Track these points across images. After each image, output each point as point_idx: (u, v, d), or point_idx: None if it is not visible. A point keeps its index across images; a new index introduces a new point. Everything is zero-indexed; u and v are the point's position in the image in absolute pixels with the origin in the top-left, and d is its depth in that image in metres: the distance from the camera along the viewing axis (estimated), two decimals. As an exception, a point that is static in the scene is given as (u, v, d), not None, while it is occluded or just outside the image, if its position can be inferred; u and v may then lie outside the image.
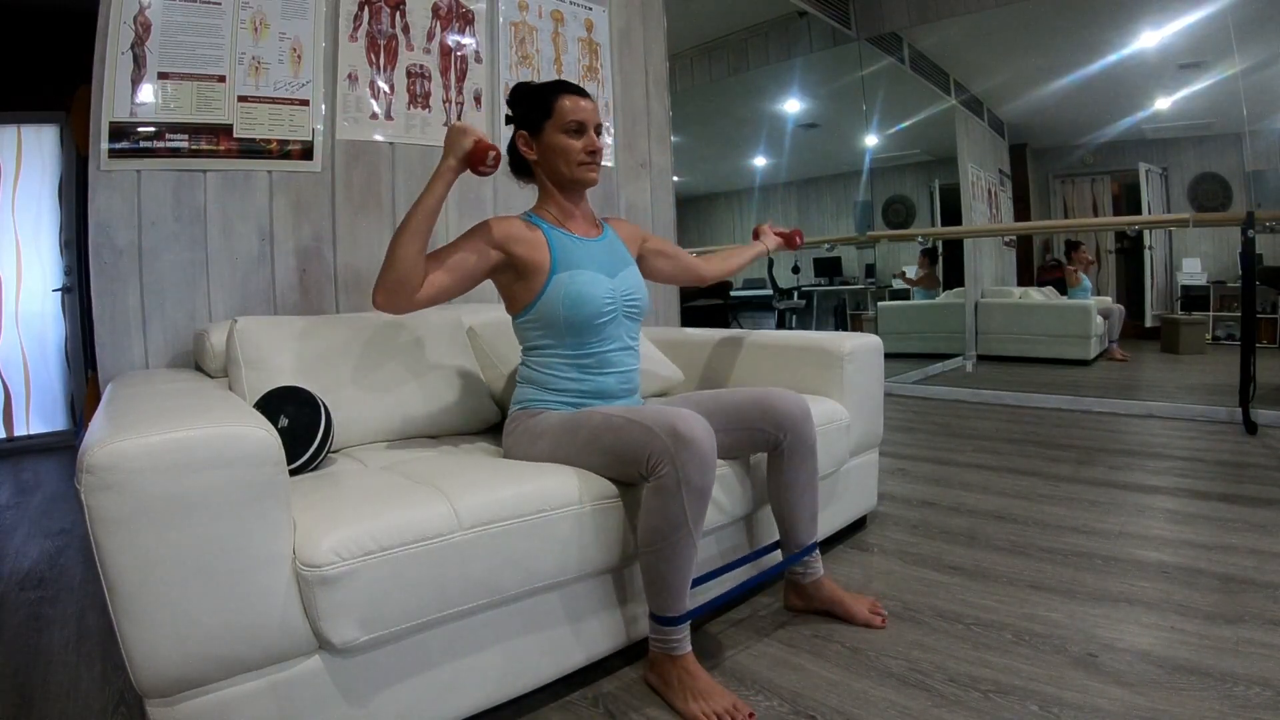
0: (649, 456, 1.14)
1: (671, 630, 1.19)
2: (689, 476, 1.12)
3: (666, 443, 1.12)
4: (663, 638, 1.20)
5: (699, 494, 1.14)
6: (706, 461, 1.13)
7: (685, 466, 1.11)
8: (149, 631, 0.82)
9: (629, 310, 1.42)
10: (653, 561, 1.17)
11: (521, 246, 1.35)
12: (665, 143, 2.83)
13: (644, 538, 1.17)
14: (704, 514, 1.17)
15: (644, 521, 1.17)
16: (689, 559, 1.17)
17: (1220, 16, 3.90)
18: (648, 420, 1.16)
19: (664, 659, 1.20)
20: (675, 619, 1.19)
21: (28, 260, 3.75)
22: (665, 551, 1.15)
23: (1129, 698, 1.14)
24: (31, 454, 3.58)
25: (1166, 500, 2.12)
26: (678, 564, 1.16)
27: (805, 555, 1.45)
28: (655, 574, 1.18)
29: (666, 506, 1.13)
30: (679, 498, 1.12)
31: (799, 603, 1.49)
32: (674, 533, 1.14)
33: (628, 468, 1.19)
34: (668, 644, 1.19)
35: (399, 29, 2.04)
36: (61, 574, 1.87)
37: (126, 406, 1.02)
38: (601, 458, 1.23)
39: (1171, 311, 5.60)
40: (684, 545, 1.15)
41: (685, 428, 1.12)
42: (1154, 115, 5.22)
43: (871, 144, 5.35)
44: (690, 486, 1.12)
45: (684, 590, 1.18)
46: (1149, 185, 5.41)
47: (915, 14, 4.52)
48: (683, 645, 1.20)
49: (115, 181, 1.61)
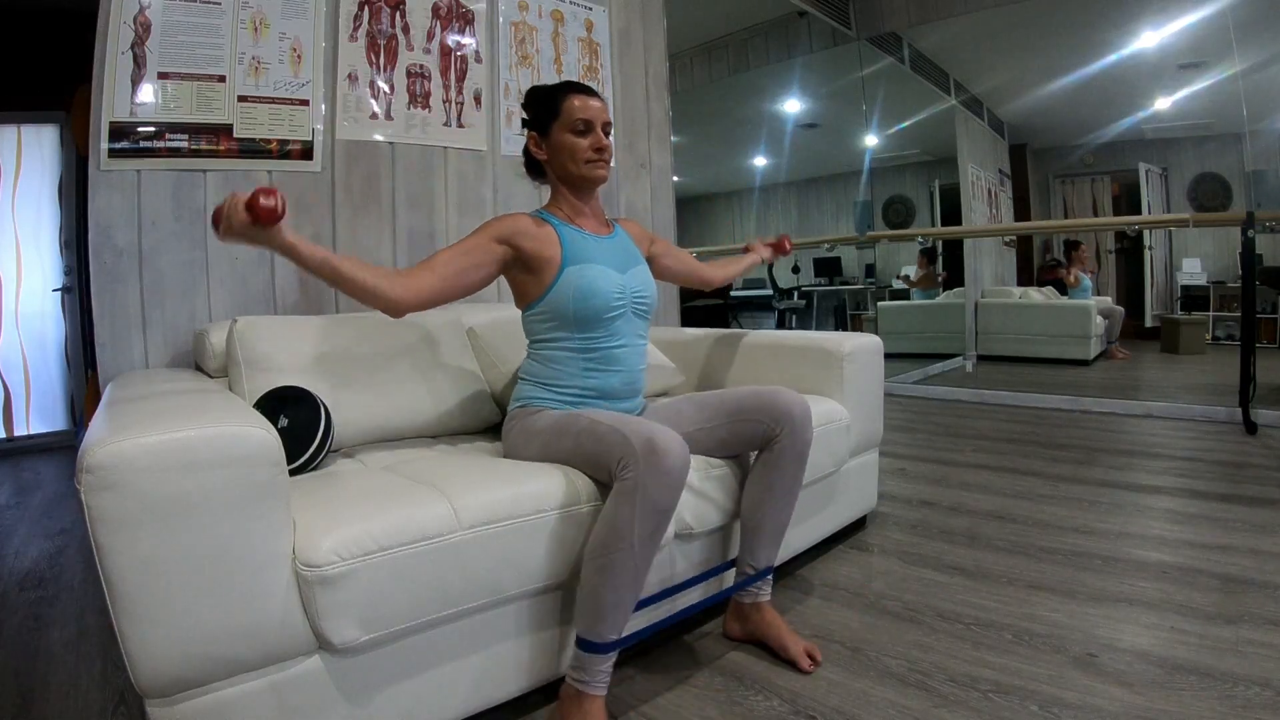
0: (619, 459, 1.10)
1: (591, 659, 1.10)
2: (647, 484, 1.06)
3: (637, 449, 1.08)
4: (580, 666, 1.10)
5: (654, 509, 1.07)
6: (672, 477, 1.07)
7: (647, 474, 1.06)
8: (149, 631, 0.82)
9: (638, 307, 1.42)
10: (591, 572, 1.10)
11: (530, 241, 1.35)
12: (665, 143, 2.83)
13: (590, 545, 1.11)
14: (656, 538, 1.09)
15: (596, 528, 1.12)
16: (628, 582, 1.08)
17: (1220, 16, 3.90)
18: (628, 429, 1.14)
19: (573, 697, 1.10)
20: (599, 646, 1.09)
21: (28, 260, 3.75)
22: (604, 565, 1.08)
23: (1129, 698, 1.14)
24: (31, 454, 3.58)
25: (1166, 500, 2.12)
26: (615, 583, 1.08)
27: (757, 580, 1.38)
28: (590, 587, 1.10)
29: (618, 513, 1.08)
30: (632, 505, 1.06)
31: (736, 629, 1.40)
32: (618, 544, 1.07)
33: (600, 471, 1.17)
34: (582, 676, 1.10)
35: (399, 29, 2.04)
36: (61, 574, 1.87)
37: (126, 406, 1.02)
38: (582, 459, 1.21)
39: (1171, 311, 5.60)
40: (625, 564, 1.07)
41: (662, 441, 1.08)
42: (1154, 115, 5.23)
43: (871, 144, 5.34)
44: (647, 495, 1.06)
45: (615, 616, 1.09)
46: (1149, 185, 5.41)
47: (915, 14, 4.52)
48: (596, 684, 1.10)
49: (115, 181, 1.61)
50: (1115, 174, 5.66)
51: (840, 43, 4.74)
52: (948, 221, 5.98)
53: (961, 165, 5.38)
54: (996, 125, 5.84)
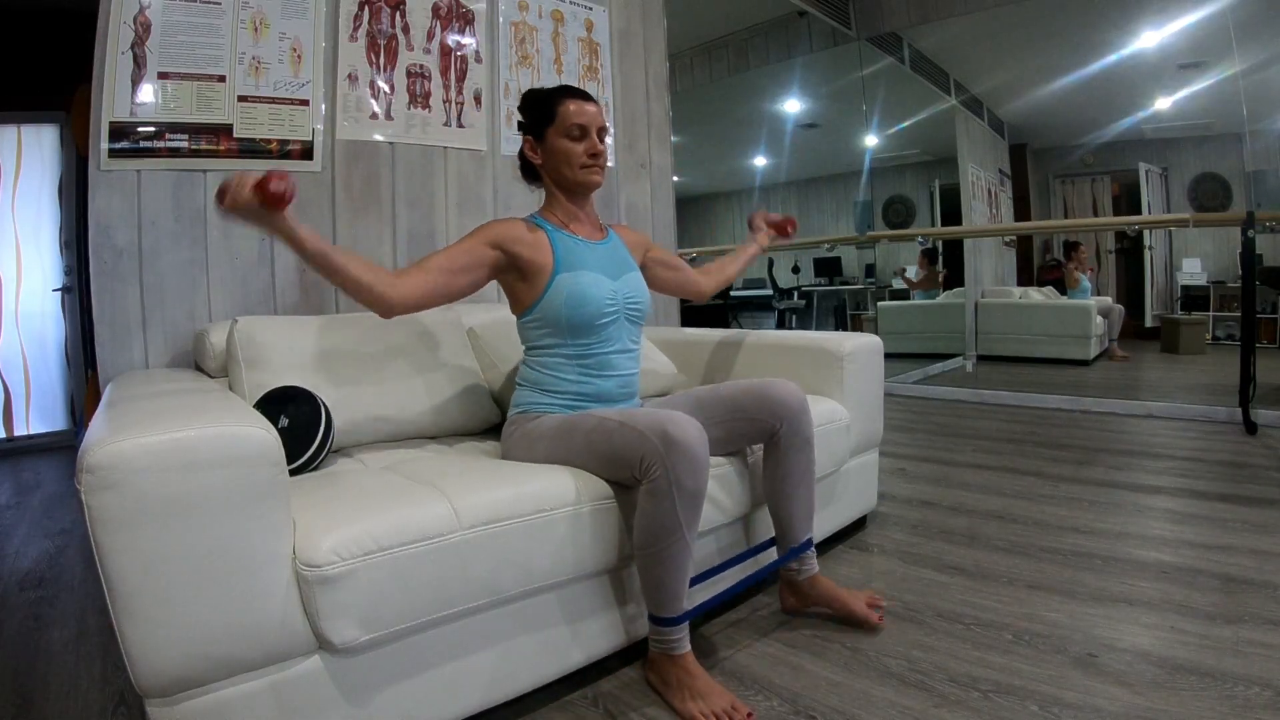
0: (641, 459, 1.14)
1: (669, 630, 1.19)
2: (680, 479, 1.12)
3: (658, 446, 1.12)
4: (661, 638, 1.20)
5: (691, 496, 1.14)
6: (698, 463, 1.13)
7: (676, 469, 1.11)
8: (149, 631, 0.82)
9: (630, 313, 1.43)
10: (649, 564, 1.17)
11: (522, 247, 1.36)
12: (665, 143, 2.83)
13: (639, 540, 1.18)
14: (698, 516, 1.17)
15: (639, 524, 1.17)
16: (685, 560, 1.17)
17: (1220, 16, 3.90)
18: (640, 424, 1.17)
19: (663, 659, 1.20)
20: (673, 619, 1.19)
21: (28, 260, 3.75)
22: (660, 554, 1.15)
23: (1129, 698, 1.14)
24: (31, 454, 3.58)
25: (1166, 500, 2.12)
26: (673, 566, 1.16)
27: (801, 553, 1.45)
28: (652, 576, 1.18)
29: (659, 509, 1.13)
30: (671, 500, 1.12)
31: (795, 602, 1.48)
32: (668, 535, 1.14)
33: (621, 471, 1.20)
34: (666, 644, 1.20)
35: (399, 29, 2.04)
36: (61, 574, 1.87)
37: (126, 406, 1.02)
38: (596, 461, 1.23)
39: (1171, 311, 5.60)
40: (678, 547, 1.15)
41: (676, 430, 1.12)
42: (1154, 115, 5.22)
43: (871, 144, 5.34)
44: (682, 489, 1.12)
45: (681, 591, 1.19)
46: (1149, 185, 5.41)
47: (915, 14, 4.52)
48: (681, 645, 1.20)
49: (115, 181, 1.61)
50: (1115, 174, 5.66)
51: (840, 43, 4.74)
52: (948, 221, 5.98)
53: (961, 165, 5.37)
54: (996, 125, 5.84)
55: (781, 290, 6.82)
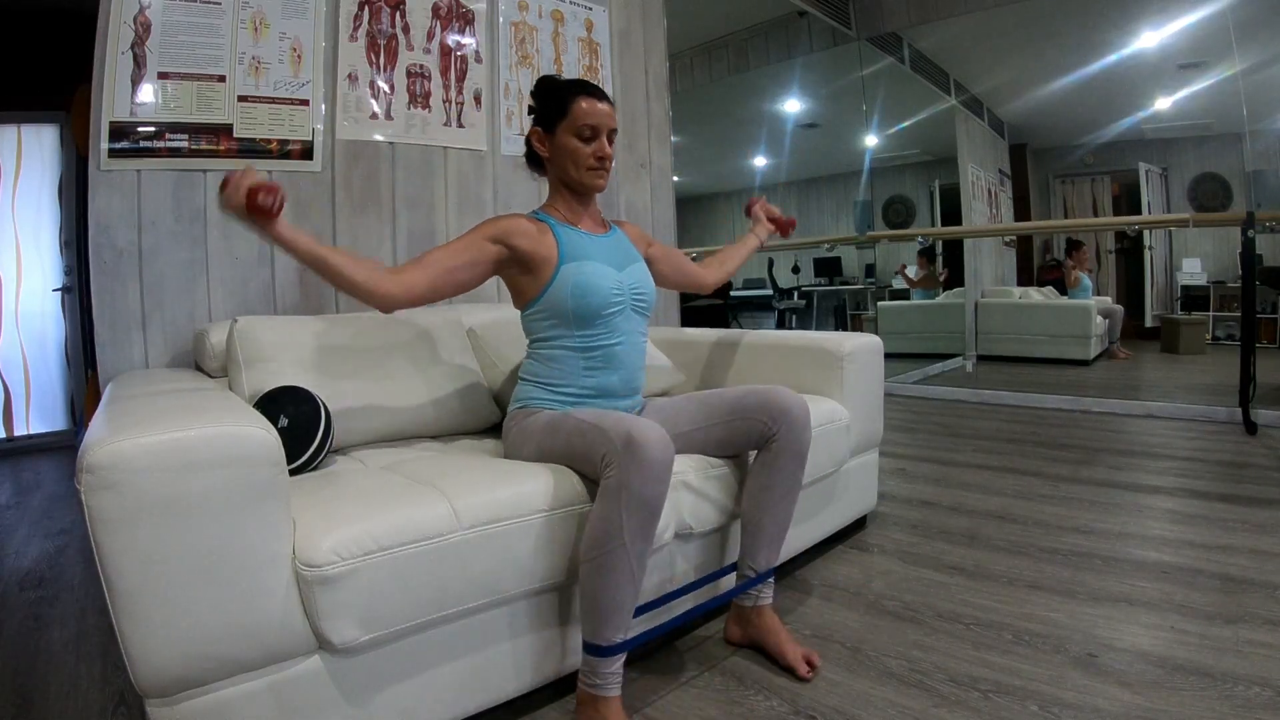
0: (602, 457, 1.11)
1: (600, 663, 1.09)
2: (631, 480, 1.05)
3: (617, 445, 1.08)
4: (591, 670, 1.11)
5: (640, 503, 1.06)
6: (654, 469, 1.06)
7: (629, 470, 1.05)
8: (149, 631, 0.82)
9: (637, 304, 1.42)
10: (587, 574, 1.09)
11: (525, 240, 1.35)
12: (665, 143, 2.83)
13: (584, 546, 1.10)
14: (647, 531, 1.08)
15: (588, 528, 1.11)
16: (625, 581, 1.07)
17: (1220, 16, 3.90)
18: (608, 424, 1.14)
19: (588, 700, 1.11)
20: (604, 649, 1.09)
21: (28, 260, 3.75)
22: (599, 565, 1.07)
23: (1129, 698, 1.14)
24: (31, 454, 3.58)
25: (1166, 500, 2.12)
26: (611, 583, 1.07)
27: (757, 584, 1.36)
28: (588, 590, 1.09)
29: (607, 512, 1.07)
30: (619, 501, 1.06)
31: (737, 633, 1.38)
32: (609, 543, 1.06)
33: (589, 469, 1.18)
34: (593, 680, 1.10)
35: (399, 29, 2.04)
36: (61, 574, 1.87)
37: (126, 406, 1.02)
38: (573, 460, 1.22)
39: (1171, 311, 5.60)
40: (619, 562, 1.06)
41: (639, 433, 1.07)
42: (1154, 115, 5.23)
43: (871, 144, 5.34)
44: (631, 491, 1.05)
45: (617, 617, 1.09)
46: (1149, 185, 5.41)
47: (915, 14, 4.52)
48: (609, 685, 1.10)
49: (115, 181, 1.61)
50: (1115, 174, 5.66)
51: (840, 43, 4.74)
52: (948, 221, 5.98)
53: (961, 165, 5.38)
54: (996, 125, 5.84)
55: (781, 290, 6.83)
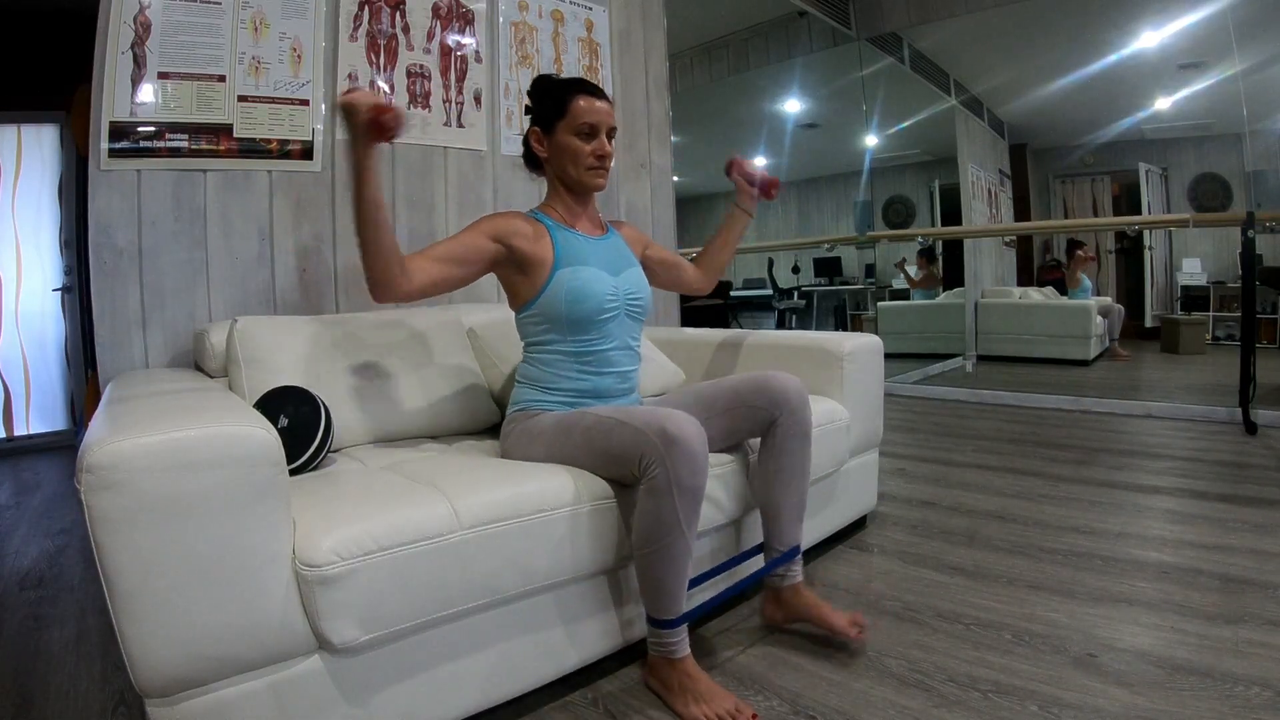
0: (640, 458, 1.13)
1: (669, 633, 1.18)
2: (680, 477, 1.11)
3: (656, 444, 1.11)
4: (660, 640, 1.19)
5: (691, 494, 1.13)
6: (697, 461, 1.12)
7: (676, 467, 1.10)
8: (149, 631, 0.82)
9: (631, 309, 1.42)
10: (647, 564, 1.16)
11: (522, 240, 1.35)
12: (665, 143, 2.83)
13: (638, 540, 1.17)
14: (697, 515, 1.16)
15: (638, 523, 1.16)
16: (684, 561, 1.16)
17: (1220, 16, 3.90)
18: (638, 421, 1.16)
19: (662, 662, 1.19)
20: (672, 621, 1.18)
21: (28, 260, 3.75)
22: (659, 553, 1.14)
23: (1129, 698, 1.14)
24: (31, 454, 3.58)
25: (1166, 500, 2.12)
26: (672, 566, 1.15)
27: (786, 561, 1.39)
28: (650, 576, 1.17)
29: (659, 508, 1.12)
30: (670, 499, 1.11)
31: (777, 614, 1.42)
32: (667, 534, 1.13)
33: (620, 469, 1.19)
34: (665, 647, 1.18)
35: (399, 29, 2.04)
36: (61, 574, 1.87)
37: (126, 406, 1.02)
38: (594, 460, 1.22)
39: (1171, 311, 5.59)
40: (678, 547, 1.14)
41: (675, 428, 1.11)
42: (1154, 115, 5.22)
43: (871, 144, 5.34)
44: (681, 487, 1.11)
45: (680, 592, 1.17)
46: (1149, 185, 5.41)
47: (915, 14, 4.51)
48: (681, 648, 1.19)
49: (115, 181, 1.61)
50: (1115, 174, 5.65)
51: (840, 43, 4.74)
52: (948, 221, 5.97)
53: (961, 165, 5.37)
54: (996, 125, 5.84)
55: (781, 290, 6.82)
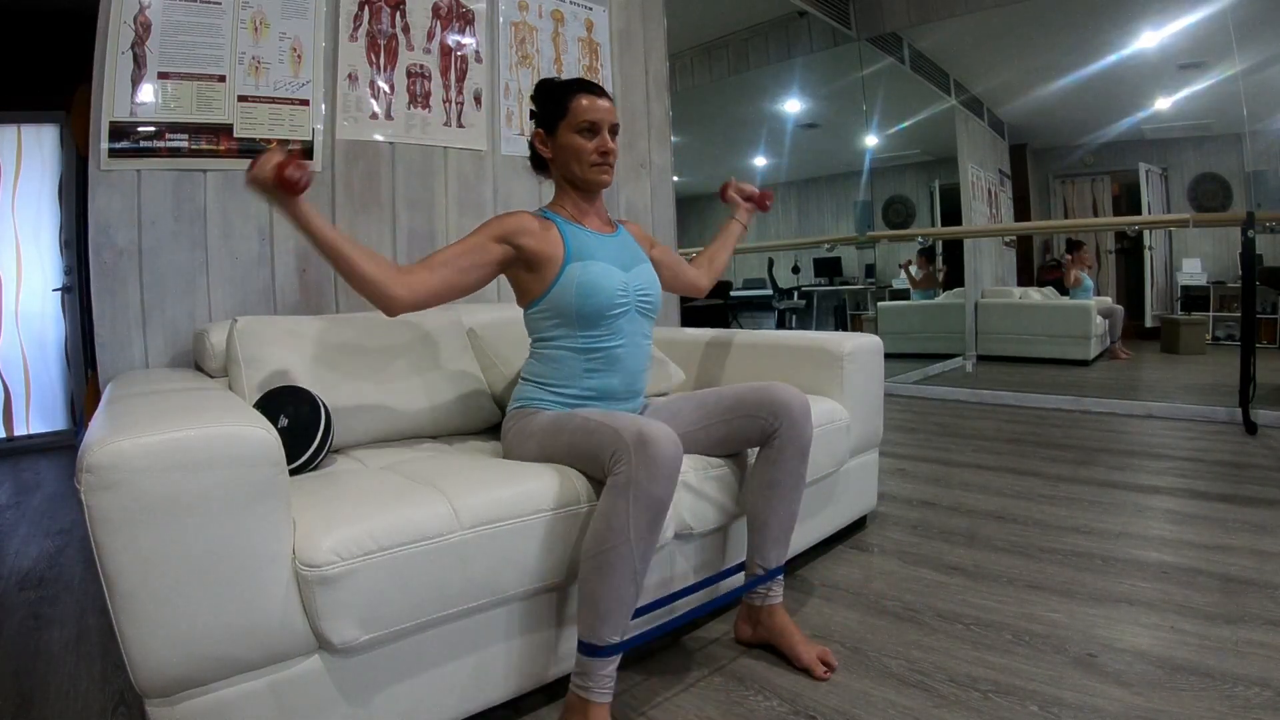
0: (612, 454, 1.10)
1: (592, 664, 1.07)
2: (640, 478, 1.05)
3: (628, 443, 1.08)
4: (582, 673, 1.08)
5: (647, 501, 1.05)
6: (664, 468, 1.06)
7: (638, 466, 1.05)
8: (149, 631, 0.82)
9: (642, 305, 1.41)
10: (589, 571, 1.08)
11: (531, 239, 1.34)
12: (665, 143, 2.83)
13: (586, 543, 1.10)
14: (652, 534, 1.08)
15: (591, 525, 1.11)
16: (626, 580, 1.06)
17: (1220, 16, 3.90)
18: (618, 423, 1.14)
19: (577, 704, 1.08)
20: (598, 649, 1.07)
21: (28, 260, 3.75)
22: (602, 562, 1.06)
23: (1129, 698, 1.14)
24: (31, 454, 3.58)
25: (1166, 500, 2.12)
26: (610, 579, 1.06)
27: (766, 581, 1.35)
28: (588, 588, 1.08)
29: (613, 508, 1.07)
30: (626, 499, 1.05)
31: (747, 632, 1.38)
32: (614, 539, 1.05)
33: (595, 468, 1.17)
34: (585, 683, 1.07)
35: (399, 29, 2.04)
36: (61, 574, 1.87)
37: (126, 406, 1.02)
38: (577, 459, 1.22)
39: (1171, 312, 5.59)
40: (621, 559, 1.05)
41: (650, 432, 1.08)
42: (1154, 115, 5.22)
43: (871, 144, 5.34)
44: (639, 488, 1.05)
45: (615, 617, 1.07)
46: (1149, 185, 5.41)
47: (915, 14, 4.51)
48: (599, 691, 1.07)
49: (115, 181, 1.61)
50: (1115, 174, 5.66)
51: (840, 43, 4.74)
52: (948, 221, 5.97)
53: (961, 165, 5.37)
54: (996, 125, 5.84)
55: (781, 290, 6.82)
